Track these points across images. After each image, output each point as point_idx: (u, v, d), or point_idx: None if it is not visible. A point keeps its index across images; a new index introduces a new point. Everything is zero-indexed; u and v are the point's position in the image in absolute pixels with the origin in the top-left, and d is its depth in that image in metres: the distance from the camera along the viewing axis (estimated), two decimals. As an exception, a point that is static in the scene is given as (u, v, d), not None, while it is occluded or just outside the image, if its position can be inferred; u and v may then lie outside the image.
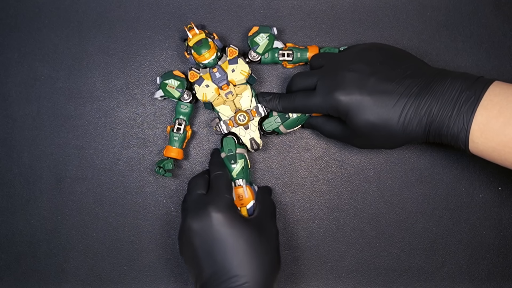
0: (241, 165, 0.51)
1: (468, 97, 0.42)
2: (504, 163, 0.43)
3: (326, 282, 0.56)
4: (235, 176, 0.51)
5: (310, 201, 0.56)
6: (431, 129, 0.44)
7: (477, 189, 0.55)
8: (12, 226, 0.56)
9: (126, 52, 0.56)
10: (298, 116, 0.52)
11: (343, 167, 0.56)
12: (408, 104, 0.44)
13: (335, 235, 0.56)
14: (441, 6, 0.55)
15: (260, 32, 0.52)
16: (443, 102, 0.43)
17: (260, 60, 0.53)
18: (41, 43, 0.56)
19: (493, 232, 0.55)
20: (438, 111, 0.43)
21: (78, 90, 0.56)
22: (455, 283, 0.55)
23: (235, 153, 0.51)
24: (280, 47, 0.53)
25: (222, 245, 0.45)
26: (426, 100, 0.43)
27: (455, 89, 0.43)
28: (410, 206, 0.55)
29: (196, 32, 0.50)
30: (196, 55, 0.50)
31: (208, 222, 0.46)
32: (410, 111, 0.44)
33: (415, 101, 0.43)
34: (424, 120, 0.43)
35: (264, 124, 0.52)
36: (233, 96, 0.51)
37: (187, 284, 0.56)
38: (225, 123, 0.52)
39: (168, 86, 0.52)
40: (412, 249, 0.55)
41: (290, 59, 0.53)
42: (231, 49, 0.51)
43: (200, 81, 0.51)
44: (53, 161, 0.55)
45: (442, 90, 0.43)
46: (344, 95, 0.45)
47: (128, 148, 0.56)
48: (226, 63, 0.51)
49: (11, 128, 0.56)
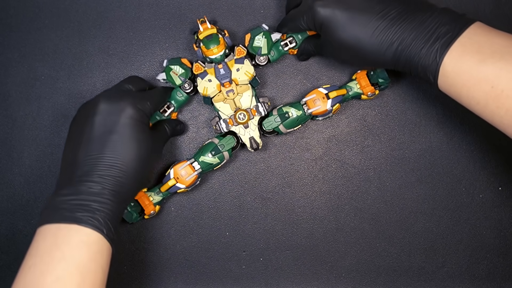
0: (211, 162, 0.51)
1: (447, 32, 0.41)
2: (469, 103, 0.41)
3: (326, 282, 0.56)
4: (197, 158, 0.52)
5: (310, 201, 0.56)
6: (401, 56, 0.43)
7: (477, 189, 0.55)
8: (12, 226, 0.56)
9: (126, 52, 0.56)
10: (298, 116, 0.52)
11: (343, 167, 0.56)
12: (381, 27, 0.43)
13: (335, 235, 0.56)
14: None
15: (254, 35, 0.52)
16: (418, 32, 0.42)
17: (268, 60, 0.53)
18: (41, 43, 0.56)
19: (493, 232, 0.55)
20: (412, 40, 0.42)
21: (78, 90, 0.56)
22: (455, 283, 0.55)
23: (222, 151, 0.51)
24: (279, 38, 0.53)
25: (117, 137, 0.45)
26: (401, 26, 0.43)
27: (435, 22, 0.42)
28: (410, 206, 0.55)
29: (208, 27, 0.51)
30: (205, 49, 0.50)
31: (118, 110, 0.45)
32: (383, 34, 0.43)
33: (390, 25, 0.43)
34: (395, 46, 0.43)
35: (264, 124, 0.52)
36: (234, 95, 0.52)
37: (187, 284, 0.56)
38: (225, 121, 0.52)
39: (172, 72, 0.52)
40: (412, 249, 0.55)
41: (294, 44, 0.53)
42: (239, 49, 0.52)
43: (203, 74, 0.52)
44: (53, 161, 0.55)
45: (420, 20, 0.42)
46: (322, 6, 0.45)
47: (128, 148, 0.56)
48: (232, 62, 0.51)
49: (11, 128, 0.56)
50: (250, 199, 0.56)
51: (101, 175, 0.43)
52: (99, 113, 0.45)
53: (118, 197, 0.44)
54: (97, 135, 0.45)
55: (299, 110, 0.52)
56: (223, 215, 0.56)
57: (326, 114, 0.52)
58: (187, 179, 0.51)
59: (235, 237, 0.56)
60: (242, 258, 0.56)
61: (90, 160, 0.44)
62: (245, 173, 0.56)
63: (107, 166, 0.44)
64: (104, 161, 0.44)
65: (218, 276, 0.55)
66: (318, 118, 0.53)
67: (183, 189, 0.52)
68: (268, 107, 0.53)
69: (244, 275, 0.56)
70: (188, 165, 0.51)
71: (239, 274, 0.56)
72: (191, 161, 0.52)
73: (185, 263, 0.56)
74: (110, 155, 0.44)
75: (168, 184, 0.51)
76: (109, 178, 0.43)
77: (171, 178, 0.51)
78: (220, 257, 0.56)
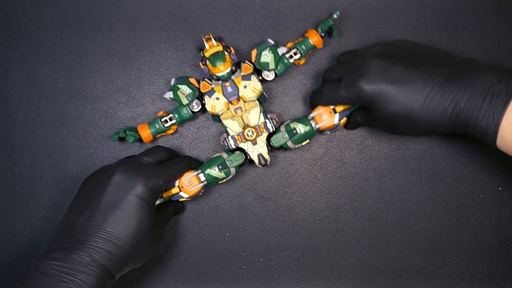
0: (217, 176, 0.51)
1: (500, 91, 0.41)
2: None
3: (326, 282, 0.56)
4: (203, 170, 0.51)
5: (310, 201, 0.56)
6: (457, 120, 0.43)
7: (477, 189, 0.55)
8: (12, 226, 0.56)
9: (126, 52, 0.56)
10: (306, 131, 0.51)
11: (343, 167, 0.56)
12: (432, 94, 0.43)
13: (335, 235, 0.56)
14: (441, 6, 0.55)
15: (260, 50, 0.52)
16: (471, 93, 0.41)
17: (275, 75, 0.53)
18: (41, 43, 0.56)
19: (493, 232, 0.55)
20: (466, 102, 0.42)
21: (78, 90, 0.56)
22: (456, 283, 0.55)
23: (229, 167, 0.51)
24: (284, 52, 0.52)
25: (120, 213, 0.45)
26: (452, 90, 0.42)
27: (486, 81, 0.41)
28: (410, 206, 0.55)
29: (214, 44, 0.50)
30: (211, 67, 0.50)
31: (128, 186, 0.46)
32: (434, 100, 0.43)
33: (440, 91, 0.42)
34: (450, 111, 0.42)
35: (272, 140, 0.52)
36: (242, 112, 0.51)
37: (187, 284, 0.56)
38: (233, 138, 0.52)
39: (179, 91, 0.52)
40: (412, 249, 0.55)
41: (299, 55, 0.52)
42: (246, 65, 0.51)
43: (211, 92, 0.51)
44: (53, 161, 0.55)
45: (471, 81, 0.42)
46: (367, 84, 0.45)
47: (128, 149, 0.56)
48: (239, 78, 0.51)
49: (11, 128, 0.56)
50: (250, 199, 0.56)
51: (94, 247, 0.43)
52: (111, 185, 0.46)
53: (107, 272, 0.43)
54: (103, 206, 0.45)
55: (306, 126, 0.51)
56: (223, 215, 0.56)
57: (334, 128, 0.52)
58: (191, 189, 0.51)
59: (235, 237, 0.56)
60: (242, 258, 0.56)
61: (88, 229, 0.44)
62: (245, 173, 0.56)
63: (103, 239, 0.44)
64: (101, 234, 0.44)
65: (218, 276, 0.55)
66: (326, 132, 0.53)
67: (185, 199, 0.52)
68: (276, 123, 0.52)
69: (244, 275, 0.56)
70: (195, 176, 0.51)
71: (239, 274, 0.55)
72: (198, 172, 0.51)
73: (185, 263, 0.56)
74: (109, 229, 0.44)
75: (171, 191, 0.51)
76: (102, 252, 0.43)
77: (175, 186, 0.51)
78: (220, 257, 0.56)
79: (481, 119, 0.41)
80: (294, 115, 0.56)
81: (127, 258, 0.45)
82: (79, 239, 0.44)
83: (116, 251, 0.44)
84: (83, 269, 0.42)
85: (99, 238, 0.44)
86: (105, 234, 0.44)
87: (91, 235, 0.44)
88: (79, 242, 0.43)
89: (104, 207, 0.45)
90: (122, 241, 0.44)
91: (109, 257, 0.43)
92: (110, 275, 0.44)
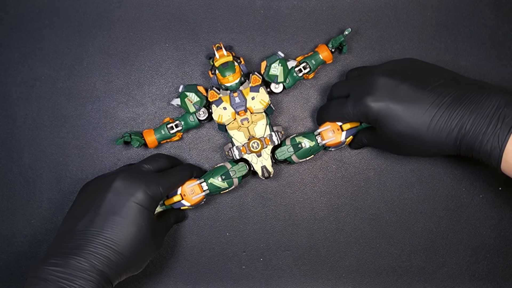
0: (219, 186, 0.51)
1: (506, 115, 0.40)
2: None
3: (326, 282, 0.56)
4: (206, 179, 0.51)
5: (310, 201, 0.56)
6: (462, 142, 0.42)
7: (477, 189, 0.55)
8: (12, 226, 0.56)
9: (126, 52, 0.56)
10: (311, 146, 0.51)
11: (343, 167, 0.56)
12: (438, 114, 0.42)
13: (336, 236, 0.56)
14: (441, 6, 0.55)
15: (270, 63, 0.52)
16: (477, 116, 0.41)
17: (283, 88, 0.53)
18: (41, 43, 0.56)
19: (493, 232, 0.55)
20: (472, 125, 0.41)
21: (78, 90, 0.56)
22: (456, 283, 0.55)
23: (232, 178, 0.51)
24: (294, 66, 0.52)
25: (119, 220, 0.45)
26: (458, 111, 0.42)
27: (492, 104, 0.41)
28: (410, 206, 0.55)
29: (224, 54, 0.50)
30: (220, 77, 0.50)
31: (128, 193, 0.46)
32: (440, 121, 0.42)
33: (446, 112, 0.42)
34: (455, 133, 0.42)
35: (276, 153, 0.52)
36: (248, 123, 0.51)
37: (187, 284, 0.56)
38: (238, 149, 0.52)
39: (187, 99, 0.52)
40: (412, 249, 0.55)
41: (308, 69, 0.52)
42: (255, 77, 0.51)
43: (218, 102, 0.51)
44: (53, 161, 0.55)
45: (477, 104, 0.42)
46: (374, 101, 0.45)
47: (128, 148, 0.56)
48: (248, 89, 0.51)
49: (11, 128, 0.56)
50: (250, 199, 0.56)
51: (93, 252, 0.43)
52: (111, 191, 0.46)
53: (105, 278, 0.43)
54: (102, 212, 0.45)
55: (312, 141, 0.51)
56: (223, 215, 0.56)
57: (339, 145, 0.52)
58: (193, 198, 0.51)
59: (235, 237, 0.56)
60: (242, 258, 0.56)
61: (86, 235, 0.44)
62: (245, 173, 0.56)
63: (102, 245, 0.44)
64: (100, 240, 0.44)
65: (218, 276, 0.55)
66: (331, 149, 0.53)
67: (187, 207, 0.52)
68: (282, 136, 0.52)
69: (244, 275, 0.56)
70: (197, 185, 0.51)
71: (239, 274, 0.55)
72: (201, 181, 0.51)
73: (185, 263, 0.56)
74: (108, 235, 0.44)
75: (173, 199, 0.51)
76: (100, 257, 0.43)
77: (178, 194, 0.51)
78: (220, 257, 0.56)
79: (486, 142, 0.41)
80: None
81: (126, 265, 0.45)
82: (77, 244, 0.44)
83: (115, 257, 0.44)
84: (82, 275, 0.42)
85: (98, 244, 0.44)
86: (104, 240, 0.44)
87: (90, 241, 0.44)
88: (78, 248, 0.43)
89: (103, 213, 0.45)
90: (121, 247, 0.44)
91: (107, 263, 0.43)
92: (109, 281, 0.44)
